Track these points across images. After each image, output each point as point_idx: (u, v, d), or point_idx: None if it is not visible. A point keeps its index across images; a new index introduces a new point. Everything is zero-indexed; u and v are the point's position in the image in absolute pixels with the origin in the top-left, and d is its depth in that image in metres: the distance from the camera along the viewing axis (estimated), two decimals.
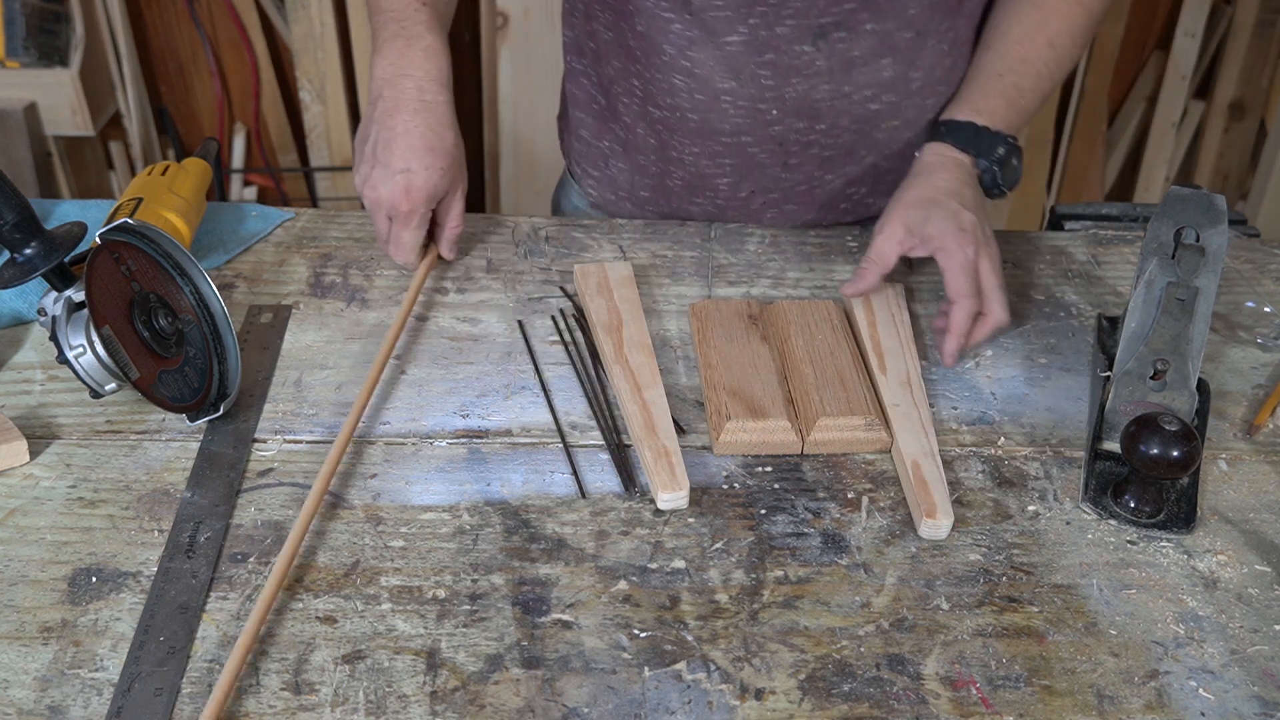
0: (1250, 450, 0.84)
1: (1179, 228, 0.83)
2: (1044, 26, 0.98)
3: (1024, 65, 0.98)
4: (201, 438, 0.80)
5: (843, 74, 0.97)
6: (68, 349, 0.75)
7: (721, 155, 1.04)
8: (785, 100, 0.99)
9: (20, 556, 0.70)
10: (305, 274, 0.99)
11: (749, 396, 0.83)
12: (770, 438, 0.81)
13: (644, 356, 0.87)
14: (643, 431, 0.80)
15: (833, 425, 0.81)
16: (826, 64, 0.96)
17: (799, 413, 0.83)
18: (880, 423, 0.82)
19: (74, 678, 0.63)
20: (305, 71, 2.22)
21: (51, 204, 1.03)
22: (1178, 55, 2.36)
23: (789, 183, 1.06)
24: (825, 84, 0.98)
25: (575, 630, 0.67)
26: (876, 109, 1.00)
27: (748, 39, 0.95)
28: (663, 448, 0.78)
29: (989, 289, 0.90)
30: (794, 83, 0.97)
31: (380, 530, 0.73)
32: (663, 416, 0.81)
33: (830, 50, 0.95)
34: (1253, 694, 0.65)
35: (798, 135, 1.02)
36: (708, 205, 1.09)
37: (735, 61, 0.97)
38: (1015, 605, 0.70)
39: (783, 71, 0.97)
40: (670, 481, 0.76)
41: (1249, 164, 2.48)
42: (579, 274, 0.96)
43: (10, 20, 2.01)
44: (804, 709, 0.63)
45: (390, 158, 0.92)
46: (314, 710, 0.62)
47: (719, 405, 0.82)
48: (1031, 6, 0.99)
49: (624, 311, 0.92)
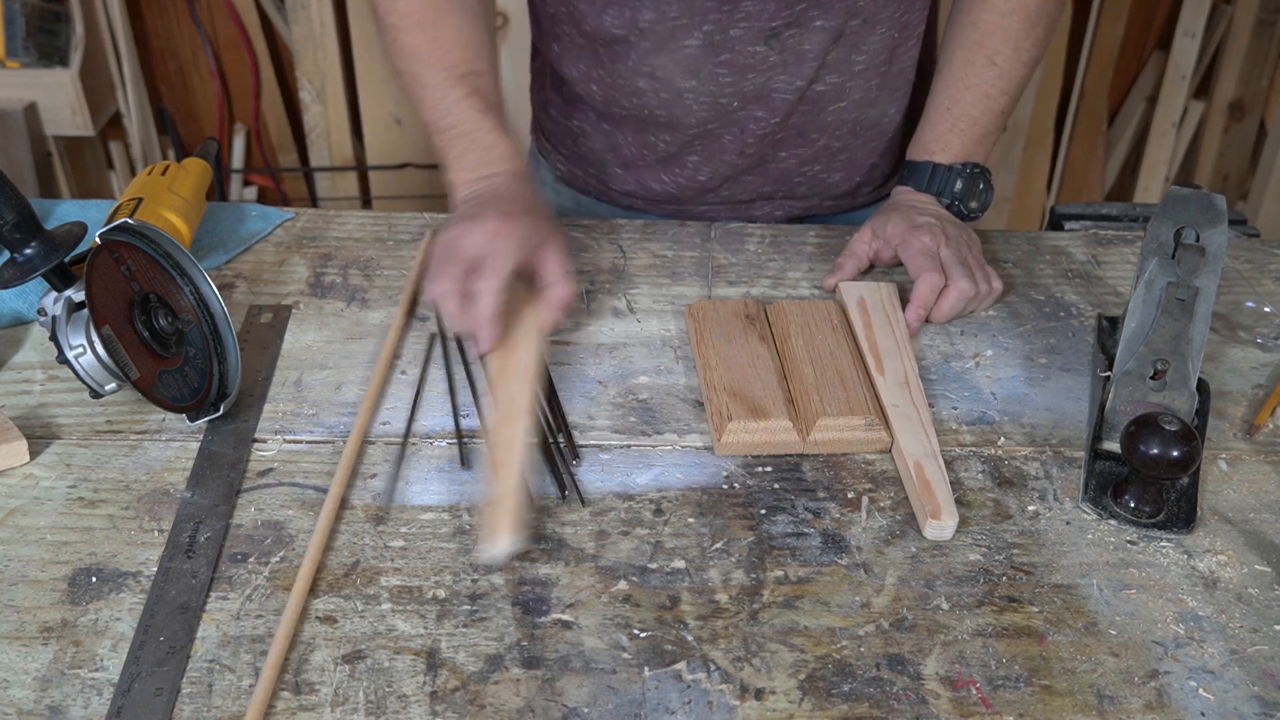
0: (1250, 450, 0.84)
1: (1179, 228, 0.83)
2: (982, 45, 1.01)
3: (968, 92, 1.02)
4: (201, 438, 0.80)
5: (795, 65, 1.01)
6: (68, 349, 0.75)
7: (691, 142, 1.09)
8: (744, 93, 1.03)
9: (20, 556, 0.70)
10: (305, 274, 0.99)
11: (749, 397, 0.83)
12: (772, 438, 0.80)
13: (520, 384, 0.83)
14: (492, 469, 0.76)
15: (833, 425, 0.81)
16: (780, 58, 1.00)
17: (799, 412, 0.83)
18: (880, 423, 0.81)
19: (74, 678, 0.63)
20: (305, 71, 2.22)
21: (51, 204, 1.03)
22: (1178, 55, 2.36)
23: (744, 164, 1.10)
24: (780, 75, 1.02)
25: (575, 630, 0.67)
26: (821, 89, 1.04)
27: (703, 44, 0.99)
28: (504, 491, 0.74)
29: (949, 263, 0.95)
30: (750, 77, 1.02)
31: (380, 530, 0.73)
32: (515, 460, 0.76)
33: (782, 46, 1.00)
34: (1253, 694, 0.65)
35: (755, 124, 1.06)
36: (670, 185, 1.13)
37: (693, 64, 1.01)
38: (1015, 605, 0.70)
39: (738, 69, 1.01)
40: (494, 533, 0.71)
41: (1249, 164, 2.48)
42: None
43: (10, 20, 2.02)
44: (804, 709, 0.63)
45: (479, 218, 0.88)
46: (314, 710, 0.62)
47: (719, 406, 0.82)
48: (969, 25, 1.02)
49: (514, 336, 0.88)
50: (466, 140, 0.95)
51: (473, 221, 0.87)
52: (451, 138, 0.95)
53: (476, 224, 0.87)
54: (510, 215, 0.87)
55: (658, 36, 0.99)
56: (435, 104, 0.95)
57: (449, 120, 0.95)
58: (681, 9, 0.97)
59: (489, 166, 0.94)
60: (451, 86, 0.95)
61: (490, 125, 0.95)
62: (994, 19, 1.00)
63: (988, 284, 0.97)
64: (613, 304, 0.96)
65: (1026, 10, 0.99)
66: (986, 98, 1.01)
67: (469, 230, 0.87)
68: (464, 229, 0.87)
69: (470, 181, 0.94)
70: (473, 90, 0.96)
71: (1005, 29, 0.99)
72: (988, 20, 1.00)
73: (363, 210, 1.65)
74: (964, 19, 1.02)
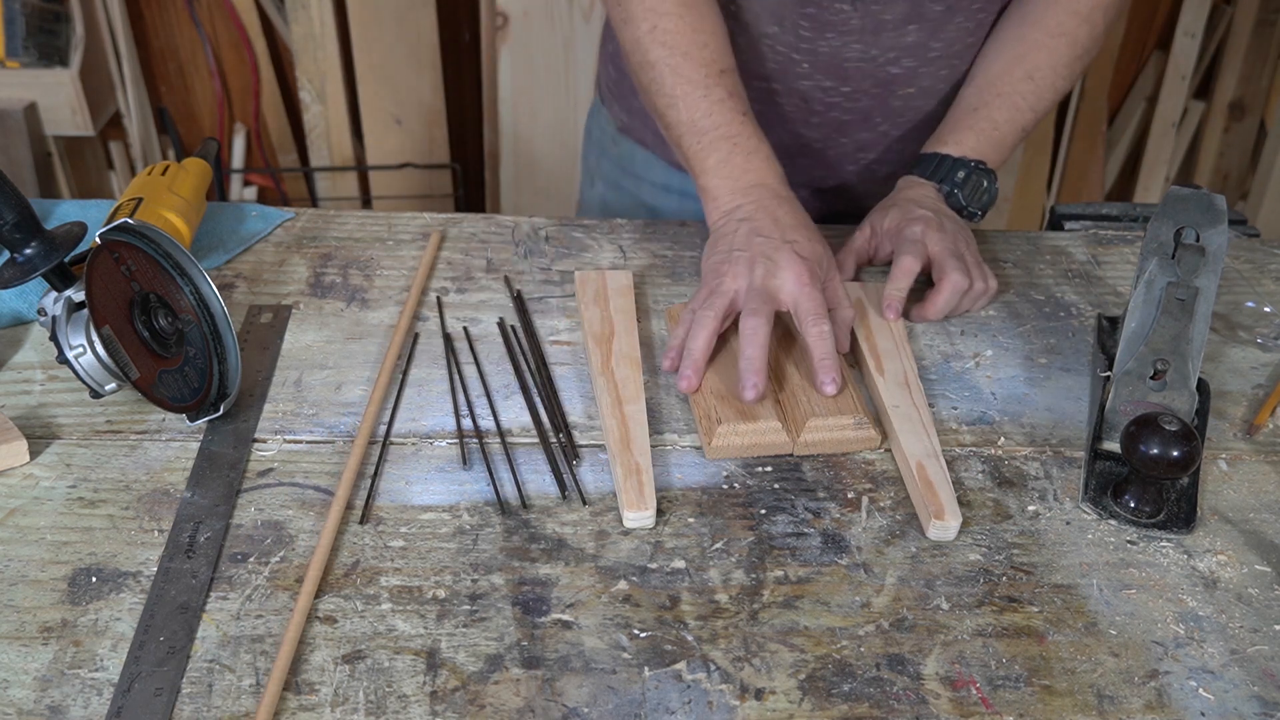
0: (1250, 450, 0.84)
1: (1179, 228, 0.83)
2: (1023, 60, 1.01)
3: (999, 99, 1.01)
4: (201, 438, 0.80)
5: (872, 36, 1.01)
6: (68, 349, 0.75)
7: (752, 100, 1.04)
8: (818, 54, 1.02)
9: (20, 556, 0.70)
10: (305, 274, 0.99)
11: (737, 399, 0.82)
12: (762, 439, 0.80)
13: (630, 369, 0.85)
14: (617, 446, 0.78)
15: (822, 425, 0.81)
16: (860, 23, 1.00)
17: (787, 414, 0.82)
18: (869, 421, 0.81)
19: (74, 678, 0.63)
20: (305, 71, 2.22)
21: (51, 204, 1.03)
22: (1178, 55, 2.36)
23: (805, 139, 1.10)
24: (856, 43, 1.01)
25: (575, 630, 0.67)
26: (896, 73, 1.04)
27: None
28: (634, 465, 0.76)
29: (940, 255, 0.94)
30: (828, 37, 1.01)
31: (380, 530, 0.73)
32: (640, 433, 0.79)
33: (865, 10, 0.99)
34: (1253, 694, 0.65)
35: (823, 94, 1.06)
36: None
37: (780, 9, 1.00)
38: (1015, 605, 0.70)
39: (820, 25, 1.00)
40: (637, 500, 0.74)
41: (1249, 164, 2.48)
42: (579, 281, 0.95)
43: (10, 20, 2.02)
44: (804, 709, 0.63)
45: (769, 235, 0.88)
46: (314, 710, 0.62)
47: (707, 410, 0.82)
48: (1015, 39, 1.02)
49: (617, 322, 0.90)
50: (729, 144, 0.92)
51: (771, 261, 0.86)
52: (713, 140, 0.92)
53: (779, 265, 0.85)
54: (809, 256, 0.87)
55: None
56: (695, 102, 0.93)
57: (711, 121, 0.92)
58: None
59: (754, 175, 0.92)
60: (714, 85, 0.93)
61: (751, 130, 0.93)
62: (1042, 38, 1.00)
63: (984, 281, 0.96)
64: None
65: (1075, 38, 1.00)
66: (1015, 109, 1.01)
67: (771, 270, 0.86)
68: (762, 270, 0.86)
69: (737, 191, 0.92)
70: (732, 90, 0.94)
71: (1050, 50, 1.00)
72: (1034, 38, 1.00)
73: (363, 210, 1.65)
74: (1009, 33, 1.02)
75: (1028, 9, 1.02)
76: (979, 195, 1.01)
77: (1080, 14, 1.00)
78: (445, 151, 2.30)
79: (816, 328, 0.84)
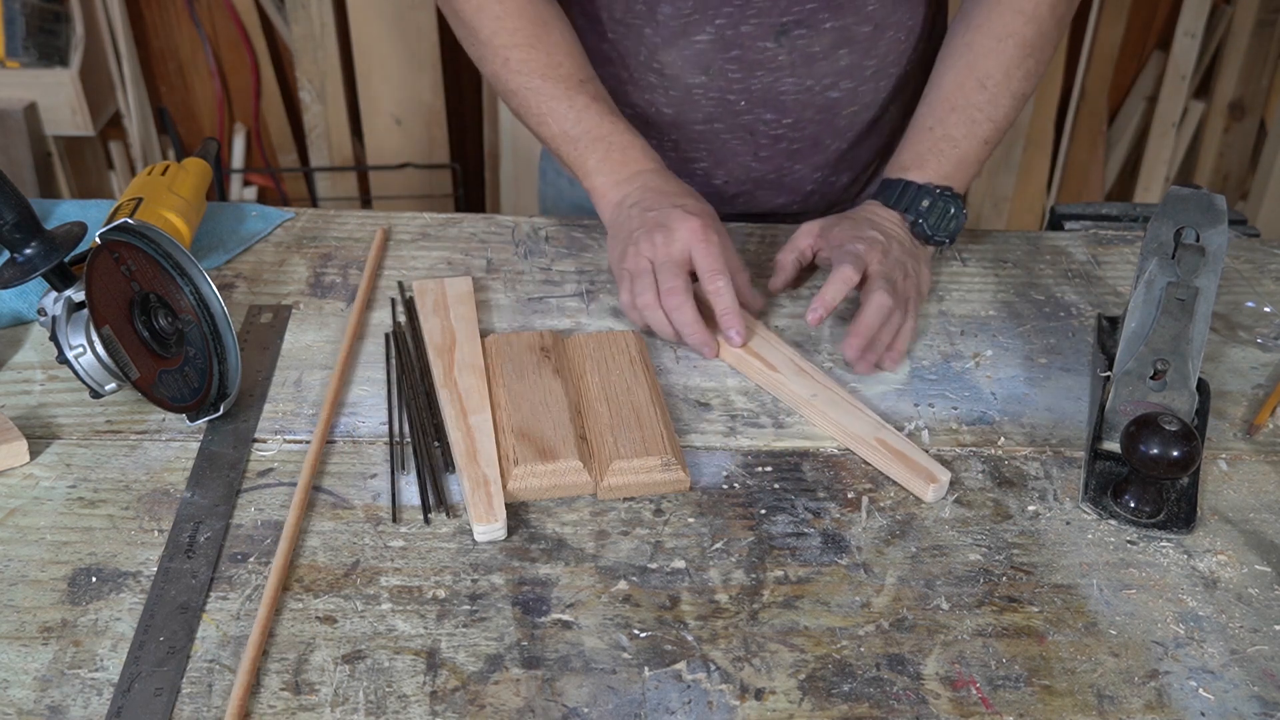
0: (1250, 450, 0.84)
1: (1179, 228, 0.83)
2: (973, 68, 0.98)
3: (954, 114, 0.98)
4: (201, 438, 0.80)
5: (804, 68, 1.02)
6: (68, 349, 0.75)
7: (697, 142, 1.10)
8: (752, 92, 1.04)
9: (20, 556, 0.70)
10: (305, 274, 0.99)
11: (538, 437, 0.78)
12: (562, 480, 0.76)
13: (473, 379, 0.83)
14: (464, 459, 0.76)
15: (628, 468, 0.76)
16: (789, 58, 1.01)
17: (593, 453, 0.78)
18: (677, 462, 0.77)
19: (74, 678, 0.63)
20: (305, 71, 2.22)
21: (51, 204, 1.03)
22: (1178, 55, 2.36)
23: (759, 172, 1.11)
24: (789, 77, 1.02)
25: (575, 630, 0.67)
26: (836, 96, 1.05)
27: (714, 38, 1.00)
28: (482, 477, 0.75)
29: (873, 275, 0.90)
30: (759, 75, 1.02)
31: (380, 530, 0.73)
32: (485, 443, 0.77)
33: (791, 46, 1.00)
34: (1253, 694, 0.65)
35: (766, 127, 1.07)
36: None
37: (703, 58, 1.02)
38: (1015, 605, 0.70)
39: (748, 66, 1.02)
40: (486, 513, 0.72)
41: (1249, 164, 2.48)
42: (417, 290, 0.94)
43: (10, 20, 2.02)
44: (804, 709, 0.63)
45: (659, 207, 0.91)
46: (314, 710, 0.62)
47: (507, 449, 0.77)
48: (963, 47, 0.99)
49: (458, 330, 0.88)
50: (604, 144, 0.95)
51: (666, 228, 0.89)
52: (587, 144, 0.96)
53: (673, 228, 0.88)
54: (699, 214, 0.89)
55: (671, 30, 1.00)
56: (562, 114, 0.96)
57: (581, 128, 0.96)
58: (696, 3, 0.98)
59: (634, 165, 0.95)
60: (575, 95, 0.96)
61: (623, 127, 0.96)
62: (989, 43, 0.98)
63: (901, 313, 0.90)
64: (613, 304, 0.96)
65: (1022, 38, 0.97)
66: (972, 121, 0.98)
67: (669, 236, 0.88)
68: (661, 237, 0.88)
69: (620, 183, 0.95)
70: (594, 96, 0.97)
71: (998, 54, 0.97)
72: (982, 44, 0.98)
73: (363, 210, 1.65)
74: (958, 41, 1.00)
75: (972, 15, 0.99)
76: (946, 222, 0.97)
77: (1025, 13, 0.96)
78: (445, 151, 2.30)
79: (713, 283, 0.87)
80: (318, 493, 0.76)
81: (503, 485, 0.75)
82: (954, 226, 0.97)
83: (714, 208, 1.12)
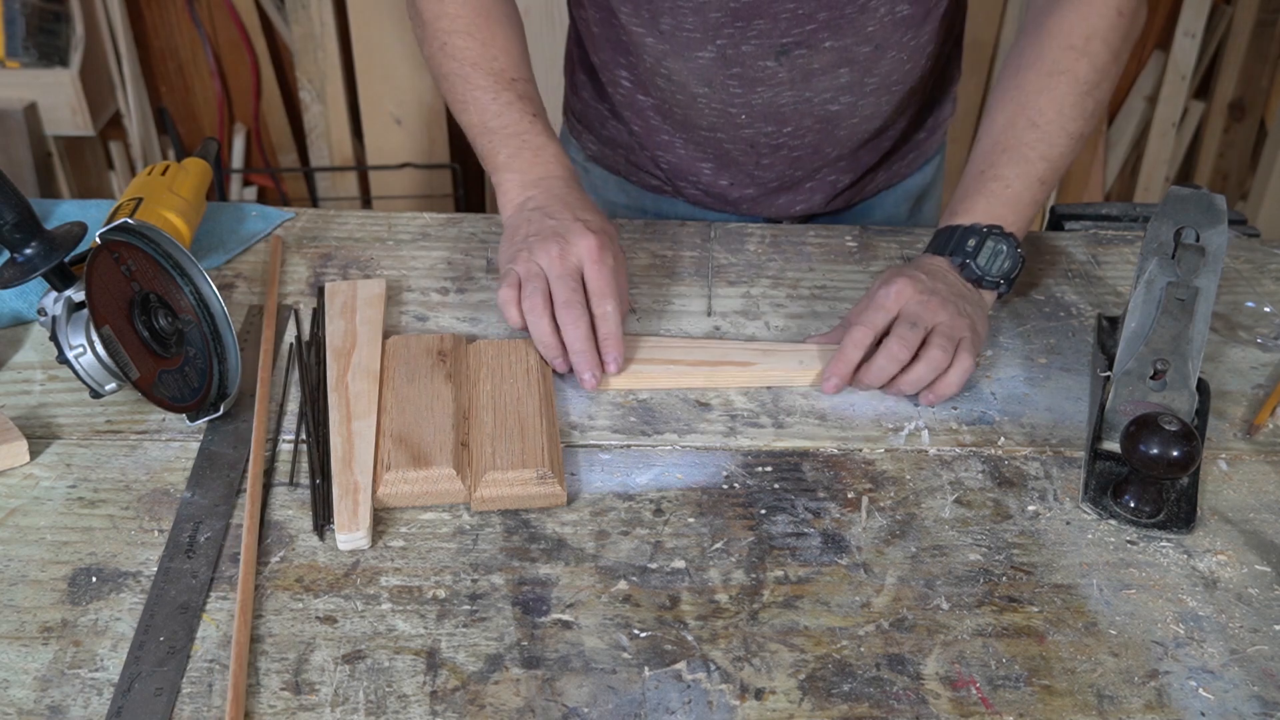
0: (1250, 450, 0.84)
1: (1179, 228, 0.83)
2: (1025, 108, 0.94)
3: (1005, 155, 0.94)
4: (201, 438, 0.80)
5: (804, 83, 1.02)
6: (68, 349, 0.75)
7: (703, 145, 1.11)
8: (753, 106, 1.04)
9: (20, 556, 0.70)
10: (305, 274, 0.99)
11: (415, 443, 0.76)
12: (434, 488, 0.74)
13: (366, 383, 0.82)
14: (339, 464, 0.75)
15: (502, 480, 0.74)
16: (788, 76, 1.01)
17: (472, 462, 0.77)
18: (554, 476, 0.75)
19: (74, 678, 0.63)
20: (305, 71, 2.22)
21: (51, 204, 1.03)
22: (1178, 55, 2.36)
23: (762, 179, 1.12)
24: (788, 91, 1.03)
25: (575, 630, 0.67)
26: (836, 109, 1.05)
27: (716, 56, 1.01)
28: (353, 483, 0.73)
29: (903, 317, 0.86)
30: (759, 91, 1.03)
31: (380, 530, 0.73)
32: (364, 449, 0.76)
33: (791, 64, 1.00)
34: (1253, 694, 0.65)
35: (767, 139, 1.08)
36: (690, 189, 1.16)
37: (705, 73, 1.02)
38: (1015, 605, 0.70)
39: (748, 82, 1.02)
40: (349, 521, 0.71)
41: (1249, 164, 2.48)
42: (329, 292, 0.93)
43: (10, 20, 2.02)
44: (804, 709, 0.63)
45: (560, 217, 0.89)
46: (314, 710, 0.62)
47: (383, 454, 0.76)
48: (1014, 88, 0.95)
49: (361, 334, 0.87)
50: (518, 140, 0.95)
51: (564, 240, 0.87)
52: (503, 138, 0.95)
53: (571, 242, 0.87)
54: (599, 232, 0.87)
55: (676, 43, 1.00)
56: (485, 105, 0.96)
57: (500, 121, 0.96)
58: (696, 22, 0.98)
59: (543, 168, 0.94)
60: (502, 90, 0.96)
61: (540, 128, 0.96)
62: (1040, 80, 0.94)
63: (945, 356, 0.84)
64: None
65: (1075, 75, 0.92)
66: (1024, 160, 0.93)
67: (565, 249, 0.86)
68: (557, 248, 0.86)
69: (527, 184, 0.94)
70: (522, 95, 0.97)
71: (1050, 90, 0.93)
72: (1033, 82, 0.94)
73: (363, 210, 1.65)
74: (1008, 82, 0.96)
75: (1023, 53, 0.96)
76: (997, 261, 0.91)
77: (1076, 47, 0.93)
78: (445, 151, 2.30)
79: (601, 306, 0.86)
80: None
81: (373, 492, 0.74)
82: (1006, 266, 0.91)
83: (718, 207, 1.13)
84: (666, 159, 1.14)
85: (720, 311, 0.96)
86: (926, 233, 1.07)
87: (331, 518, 0.73)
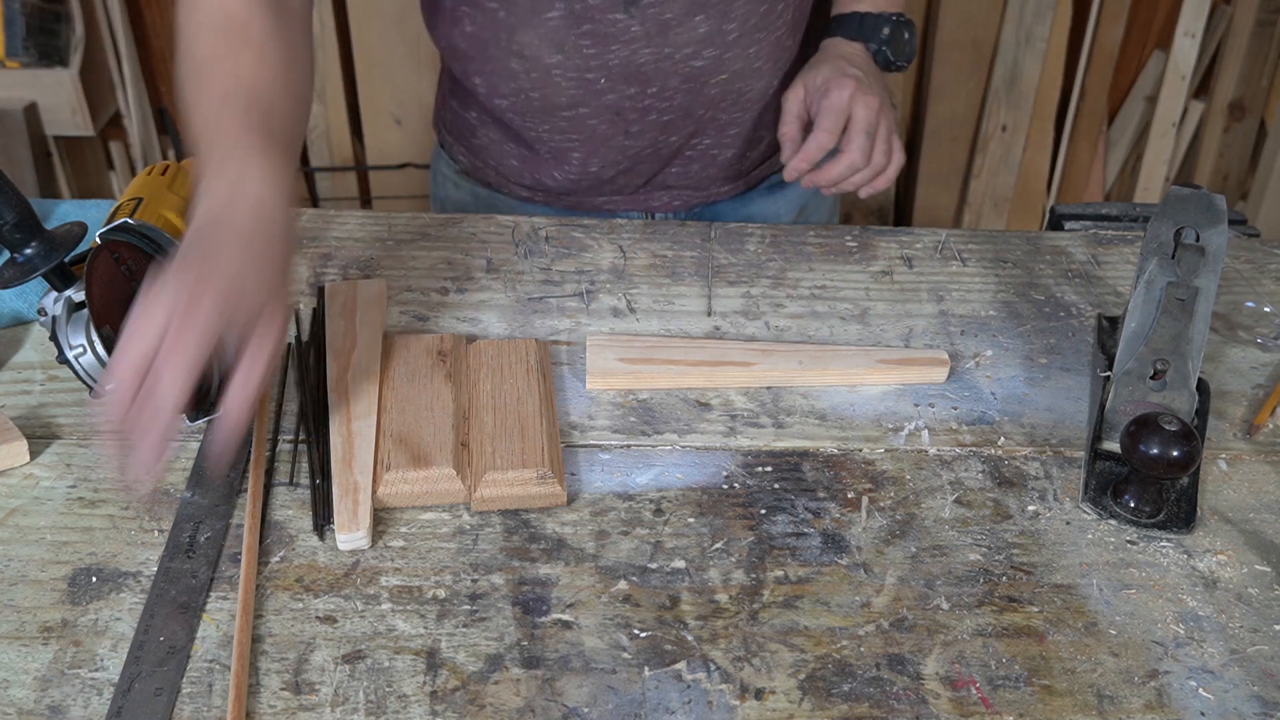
0: (1250, 450, 0.84)
1: (1179, 228, 0.83)
2: None
3: None
4: (201, 438, 0.80)
5: (660, 36, 1.01)
6: (68, 349, 0.75)
7: (567, 130, 1.09)
8: (610, 68, 1.03)
9: (20, 556, 0.70)
10: (305, 274, 0.99)
11: (416, 443, 0.76)
12: (434, 488, 0.74)
13: (366, 383, 0.81)
14: (339, 464, 0.75)
15: (502, 480, 0.74)
16: (642, 29, 1.00)
17: (472, 462, 0.76)
18: (554, 476, 0.75)
19: (74, 678, 0.63)
20: None
21: (51, 204, 1.03)
22: (1178, 55, 2.36)
23: (634, 149, 1.11)
24: (645, 48, 1.02)
25: (575, 630, 0.67)
26: (700, 65, 1.04)
27: (564, 13, 1.00)
28: (353, 483, 0.73)
29: (854, 130, 0.97)
30: (614, 49, 1.02)
31: (380, 530, 0.73)
32: (364, 449, 0.76)
33: (643, 15, 1.00)
34: (1253, 694, 0.65)
35: (631, 102, 1.06)
36: (564, 180, 1.14)
37: (557, 35, 1.01)
38: (1015, 605, 0.70)
39: (602, 39, 1.01)
40: (349, 521, 0.71)
41: (1249, 164, 2.48)
42: (329, 293, 0.92)
43: (10, 20, 2.02)
44: (804, 709, 0.63)
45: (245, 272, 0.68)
46: (314, 710, 0.62)
47: (383, 455, 0.76)
48: None
49: (361, 335, 0.86)
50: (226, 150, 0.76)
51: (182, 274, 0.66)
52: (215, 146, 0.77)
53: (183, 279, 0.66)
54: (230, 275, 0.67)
55: (522, 9, 1.00)
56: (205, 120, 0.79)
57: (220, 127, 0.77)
58: None
59: (244, 185, 0.73)
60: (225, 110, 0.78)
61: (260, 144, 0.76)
62: None
63: (885, 158, 0.98)
64: (612, 304, 0.96)
65: None
66: None
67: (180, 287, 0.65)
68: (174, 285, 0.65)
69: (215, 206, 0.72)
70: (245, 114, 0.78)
71: None
72: None
73: (363, 210, 1.65)
74: None
75: None
76: (904, 49, 1.05)
77: None
78: None
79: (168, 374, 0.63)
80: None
81: (373, 493, 0.74)
82: (909, 51, 1.05)
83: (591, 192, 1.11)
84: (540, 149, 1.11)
85: (720, 311, 0.96)
86: (925, 232, 1.07)
87: (331, 518, 0.73)
